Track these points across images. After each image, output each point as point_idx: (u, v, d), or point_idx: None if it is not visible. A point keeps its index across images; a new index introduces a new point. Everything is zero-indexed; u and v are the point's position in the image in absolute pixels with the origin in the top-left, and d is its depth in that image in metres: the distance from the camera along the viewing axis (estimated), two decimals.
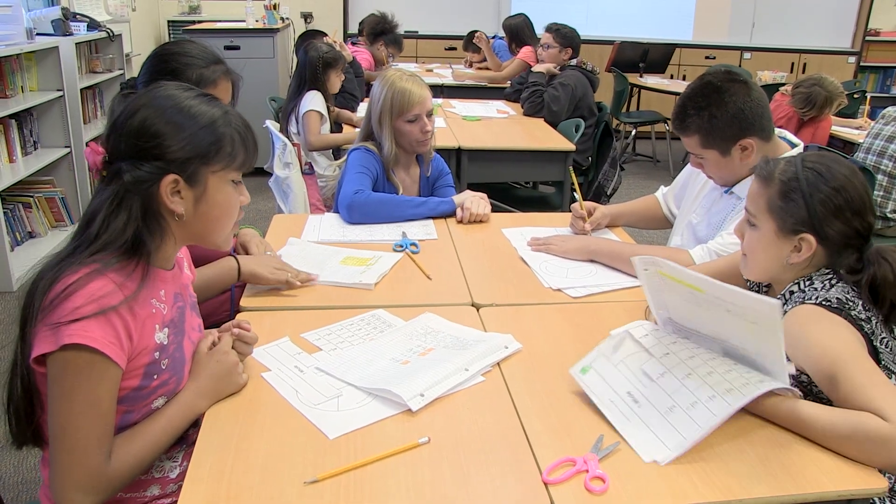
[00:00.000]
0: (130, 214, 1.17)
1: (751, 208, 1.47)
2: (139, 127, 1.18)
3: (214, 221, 1.28)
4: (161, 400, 1.27)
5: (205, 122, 1.22)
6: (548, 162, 3.66)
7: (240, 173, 1.29)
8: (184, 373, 1.31)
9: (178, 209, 1.21)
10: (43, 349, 1.11)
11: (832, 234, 1.39)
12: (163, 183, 1.19)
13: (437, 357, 1.46)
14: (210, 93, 1.69)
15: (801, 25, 7.86)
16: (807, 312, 1.35)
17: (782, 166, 1.44)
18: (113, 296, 1.13)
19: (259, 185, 5.25)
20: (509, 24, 5.48)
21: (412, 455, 1.19)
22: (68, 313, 1.10)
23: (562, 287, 1.84)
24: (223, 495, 1.08)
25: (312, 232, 2.20)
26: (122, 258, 1.17)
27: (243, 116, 1.30)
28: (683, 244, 2.11)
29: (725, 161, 1.87)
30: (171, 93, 1.23)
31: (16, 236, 4.01)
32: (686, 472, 1.16)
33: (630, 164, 6.74)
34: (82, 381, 1.12)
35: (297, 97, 3.66)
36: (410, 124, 2.37)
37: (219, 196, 1.26)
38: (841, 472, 1.17)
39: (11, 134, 3.93)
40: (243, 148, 1.27)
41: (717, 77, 1.85)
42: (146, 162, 1.18)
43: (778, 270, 1.47)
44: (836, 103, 4.29)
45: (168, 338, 1.26)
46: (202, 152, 1.21)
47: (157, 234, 1.21)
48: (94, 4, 5.22)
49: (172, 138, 1.18)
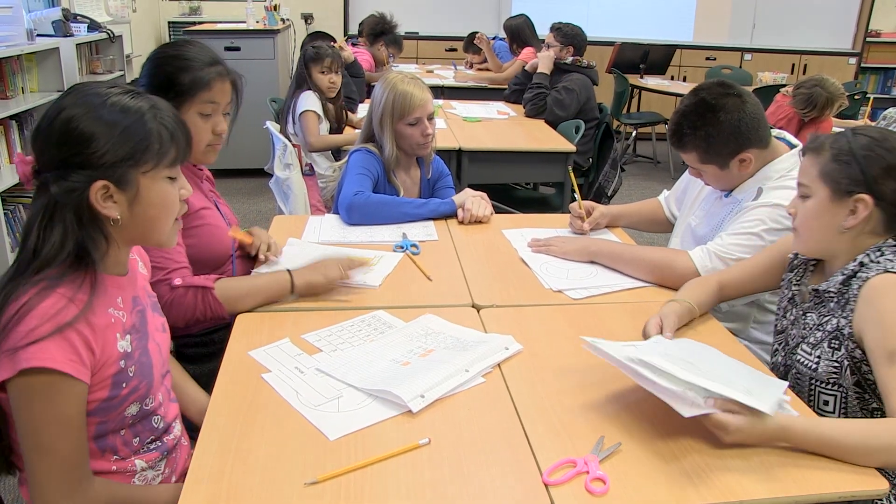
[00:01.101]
0: (66, 226, 1.13)
1: (803, 180, 1.47)
2: (61, 132, 1.13)
3: (153, 221, 1.23)
4: (134, 406, 1.25)
5: (129, 121, 1.16)
6: (548, 163, 3.66)
7: (174, 169, 1.23)
8: (153, 375, 1.28)
9: (113, 214, 1.16)
10: (1, 376, 1.08)
11: (888, 193, 1.39)
12: (91, 190, 1.13)
13: (437, 358, 1.46)
14: (205, 95, 1.70)
15: (801, 26, 7.85)
16: (890, 282, 1.34)
17: (832, 137, 1.45)
18: (66, 311, 1.10)
19: (259, 186, 5.27)
20: (510, 25, 5.48)
21: (412, 456, 1.19)
22: (23, 336, 1.07)
23: (562, 288, 1.84)
24: (223, 496, 1.08)
25: (313, 233, 2.20)
26: (69, 271, 1.14)
27: (173, 108, 1.24)
28: (682, 245, 2.11)
29: (724, 173, 1.89)
30: (95, 91, 1.17)
31: (16, 237, 4.01)
32: (687, 474, 1.16)
33: (630, 165, 6.74)
34: (49, 405, 1.09)
35: (293, 98, 3.67)
36: (411, 127, 2.37)
37: (153, 195, 1.20)
38: (841, 474, 1.16)
39: (12, 135, 3.93)
40: (173, 143, 1.20)
41: (710, 93, 1.84)
42: (72, 171, 1.13)
43: (832, 239, 1.46)
44: (837, 104, 4.29)
45: (132, 344, 1.23)
46: (129, 154, 1.15)
47: (99, 241, 1.17)
48: (94, 5, 5.22)
49: (96, 143, 1.13)
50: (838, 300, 1.43)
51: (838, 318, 1.41)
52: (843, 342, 1.39)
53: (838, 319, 1.41)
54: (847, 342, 1.38)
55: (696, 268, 1.83)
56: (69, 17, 4.59)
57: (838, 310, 1.43)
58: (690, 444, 1.23)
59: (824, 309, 1.47)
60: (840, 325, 1.40)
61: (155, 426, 1.32)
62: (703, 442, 1.23)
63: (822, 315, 1.46)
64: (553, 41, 4.32)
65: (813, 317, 1.49)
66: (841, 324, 1.40)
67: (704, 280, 1.76)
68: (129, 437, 1.27)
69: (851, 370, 1.37)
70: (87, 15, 4.85)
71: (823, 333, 1.43)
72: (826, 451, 1.20)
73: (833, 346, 1.41)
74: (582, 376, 1.44)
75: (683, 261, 1.86)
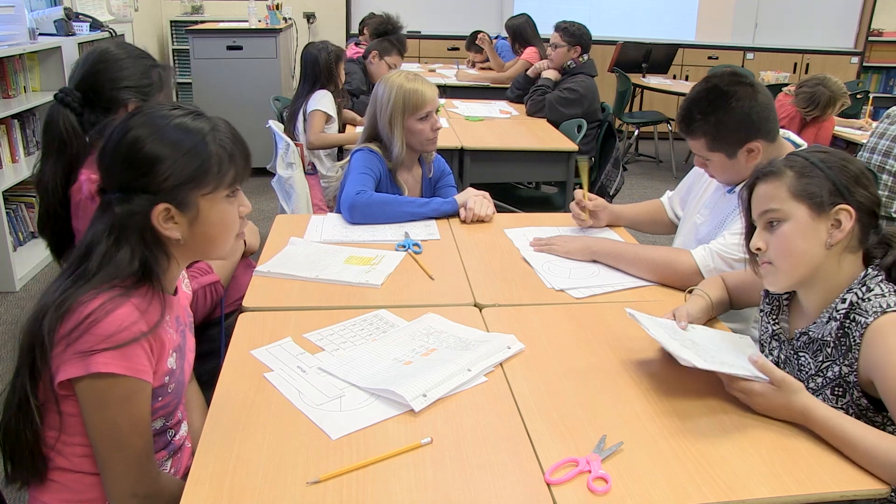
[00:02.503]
0: (133, 246, 1.16)
1: (771, 205, 1.38)
2: (127, 153, 1.16)
3: (214, 239, 1.26)
4: (159, 421, 1.29)
5: (191, 144, 1.18)
6: (550, 162, 3.66)
7: (233, 188, 1.26)
8: (181, 395, 1.33)
9: (175, 234, 1.20)
10: (70, 374, 1.11)
11: (862, 201, 1.34)
12: (154, 212, 1.17)
13: (439, 357, 1.46)
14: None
15: (804, 26, 7.85)
16: (891, 321, 1.27)
17: (784, 160, 1.40)
18: (140, 324, 1.14)
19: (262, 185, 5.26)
20: (512, 25, 5.47)
21: (414, 456, 1.19)
22: (98, 341, 1.10)
23: (565, 288, 1.84)
24: (225, 496, 1.08)
25: (315, 232, 2.20)
26: (137, 284, 1.17)
27: (232, 126, 1.27)
28: (685, 244, 2.10)
29: (731, 163, 1.86)
30: (161, 113, 1.20)
31: (18, 236, 4.01)
32: (689, 473, 1.16)
33: (633, 164, 6.74)
34: (126, 406, 1.15)
35: (307, 96, 3.67)
36: (422, 122, 2.37)
37: (213, 215, 1.23)
38: (844, 473, 1.16)
39: (14, 134, 3.94)
40: (232, 164, 1.23)
41: (722, 80, 1.83)
42: (134, 194, 1.16)
43: (818, 261, 1.36)
44: (840, 103, 4.28)
45: (176, 363, 1.27)
46: (190, 177, 1.18)
47: (161, 259, 1.20)
48: (96, 4, 5.22)
49: (160, 166, 1.16)
50: (836, 346, 1.35)
51: (840, 365, 1.34)
52: (847, 390, 1.34)
53: (840, 367, 1.34)
54: (852, 390, 1.33)
55: (698, 267, 1.83)
56: (71, 16, 4.59)
57: (839, 357, 1.35)
58: (692, 443, 1.23)
59: (821, 354, 1.39)
60: (843, 372, 1.33)
61: (168, 439, 1.35)
62: (704, 441, 1.23)
63: (819, 360, 1.39)
64: (560, 41, 4.27)
65: (808, 359, 1.42)
66: (843, 371, 1.33)
67: (720, 284, 1.72)
68: None
69: (857, 416, 1.32)
70: (89, 14, 4.85)
71: (825, 380, 1.37)
72: (839, 446, 1.21)
73: (837, 393, 1.35)
74: (584, 376, 1.44)
75: (685, 260, 1.85)
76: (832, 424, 1.22)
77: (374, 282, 1.83)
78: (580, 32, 4.27)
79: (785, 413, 1.28)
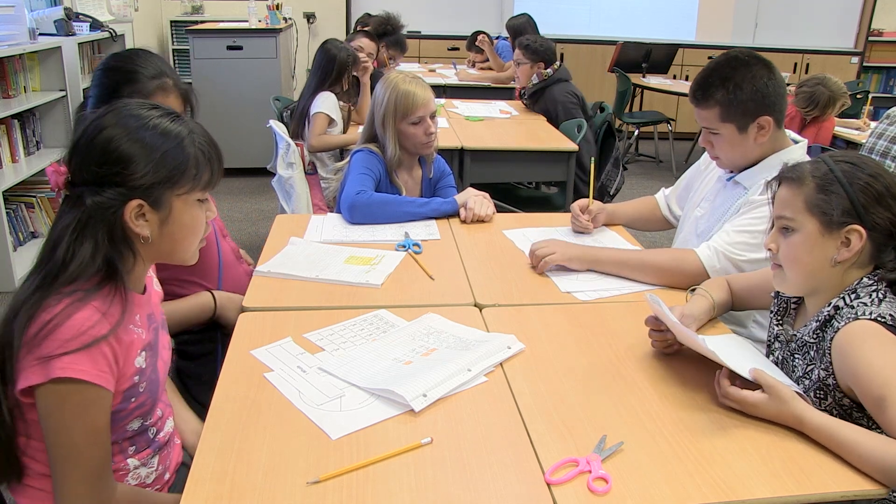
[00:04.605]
0: (97, 241, 1.14)
1: (785, 212, 1.38)
2: (102, 150, 1.15)
3: (181, 241, 1.25)
4: (137, 422, 1.28)
5: (169, 145, 1.18)
6: (550, 162, 3.65)
7: (206, 192, 1.26)
8: (158, 392, 1.31)
9: (144, 232, 1.19)
10: (31, 381, 1.09)
11: (878, 222, 1.32)
12: (127, 208, 1.16)
13: (439, 357, 1.46)
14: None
15: (804, 26, 7.85)
16: (861, 329, 1.28)
17: (811, 166, 1.38)
18: (100, 326, 1.12)
19: (262, 185, 5.27)
20: (512, 25, 5.47)
21: (415, 456, 1.19)
22: (58, 346, 1.08)
23: (571, 290, 1.83)
24: (226, 496, 1.08)
25: (315, 232, 2.20)
26: (100, 285, 1.15)
27: (207, 132, 1.26)
28: (686, 239, 2.09)
29: (740, 138, 1.85)
30: (135, 112, 1.19)
31: (18, 236, 4.01)
32: (689, 473, 1.16)
33: (633, 164, 6.74)
34: (81, 413, 1.12)
35: (311, 96, 3.65)
36: (414, 126, 2.37)
37: (185, 217, 1.23)
38: (844, 473, 1.16)
39: (14, 134, 3.94)
40: (208, 167, 1.23)
41: (743, 53, 1.86)
42: (109, 188, 1.15)
43: (822, 275, 1.37)
44: (840, 103, 4.29)
45: (146, 361, 1.24)
46: (167, 177, 1.17)
47: (127, 257, 1.19)
48: (96, 4, 5.23)
49: (136, 164, 1.15)
50: (817, 349, 1.38)
51: (818, 368, 1.35)
52: (828, 392, 1.34)
53: (818, 371, 1.35)
54: (833, 392, 1.33)
55: (704, 267, 1.82)
56: (71, 16, 4.59)
57: (818, 360, 1.36)
58: (692, 443, 1.23)
59: (807, 357, 1.41)
60: (822, 376, 1.34)
61: (151, 437, 1.34)
62: (705, 441, 1.23)
63: (806, 363, 1.41)
64: (522, 59, 4.22)
65: (799, 362, 1.43)
66: (822, 375, 1.34)
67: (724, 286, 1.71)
68: (125, 445, 1.29)
69: (841, 416, 1.32)
70: (89, 14, 4.85)
71: (810, 382, 1.38)
72: (835, 451, 1.21)
73: (819, 395, 1.35)
74: (584, 376, 1.44)
75: (692, 261, 1.84)
76: (826, 432, 1.22)
77: (374, 282, 1.83)
78: (543, 48, 4.18)
79: (779, 421, 1.28)
